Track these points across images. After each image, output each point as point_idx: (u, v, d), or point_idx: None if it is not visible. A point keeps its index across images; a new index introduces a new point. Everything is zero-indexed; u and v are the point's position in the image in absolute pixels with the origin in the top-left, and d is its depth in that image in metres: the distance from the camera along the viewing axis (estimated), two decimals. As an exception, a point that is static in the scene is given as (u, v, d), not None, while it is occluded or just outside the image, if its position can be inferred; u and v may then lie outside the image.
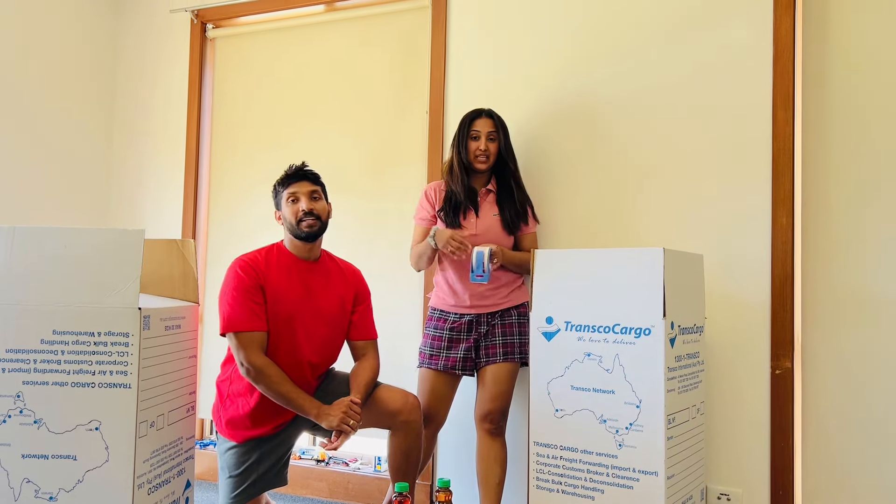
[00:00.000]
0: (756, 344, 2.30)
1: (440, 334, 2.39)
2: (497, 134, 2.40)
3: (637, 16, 2.51)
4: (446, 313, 2.41)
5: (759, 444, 2.28)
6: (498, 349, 2.34)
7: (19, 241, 1.74)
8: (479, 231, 2.36)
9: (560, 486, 1.99)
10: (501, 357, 2.33)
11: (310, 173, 2.22)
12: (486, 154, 2.37)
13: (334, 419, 2.04)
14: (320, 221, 2.18)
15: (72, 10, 3.31)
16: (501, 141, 2.40)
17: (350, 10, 3.05)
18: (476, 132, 2.39)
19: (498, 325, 2.36)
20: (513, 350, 2.34)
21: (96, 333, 1.73)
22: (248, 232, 3.20)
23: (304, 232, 2.15)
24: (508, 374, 2.33)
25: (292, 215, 2.16)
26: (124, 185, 3.49)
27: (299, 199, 2.16)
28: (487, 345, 2.35)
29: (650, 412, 1.85)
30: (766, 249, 2.30)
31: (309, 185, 2.20)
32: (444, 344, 2.38)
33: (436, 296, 2.46)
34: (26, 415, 1.71)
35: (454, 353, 2.36)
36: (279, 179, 2.23)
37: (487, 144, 2.37)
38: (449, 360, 2.36)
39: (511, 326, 2.36)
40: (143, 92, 3.48)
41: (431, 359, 2.39)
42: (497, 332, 2.35)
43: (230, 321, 2.08)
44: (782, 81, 2.29)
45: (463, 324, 2.37)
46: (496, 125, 2.40)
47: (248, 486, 2.15)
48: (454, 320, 2.38)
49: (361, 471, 2.90)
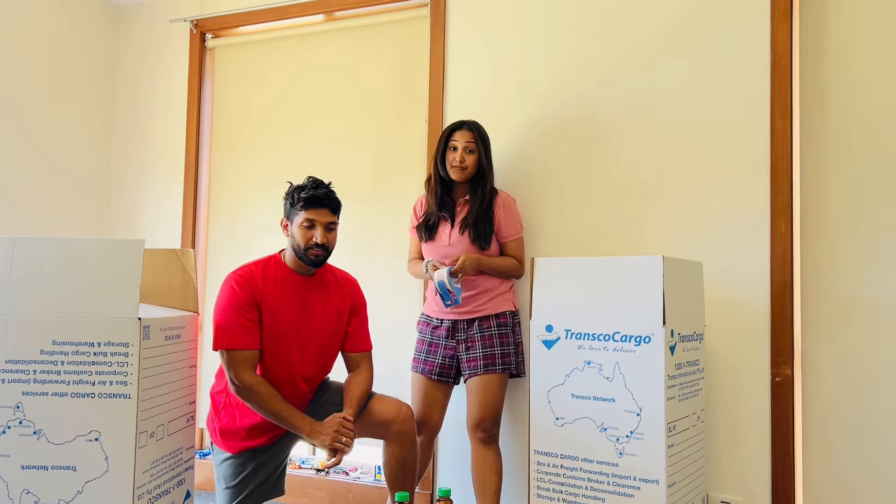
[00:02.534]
0: (756, 351, 2.30)
1: (423, 338, 2.46)
2: (476, 146, 2.37)
3: (634, 26, 2.53)
4: (430, 318, 2.47)
5: (759, 452, 2.28)
6: (479, 361, 2.33)
7: (19, 251, 1.74)
8: (452, 242, 2.38)
9: (561, 494, 1.99)
10: (482, 369, 2.32)
11: (333, 202, 2.14)
12: (462, 165, 2.36)
13: (326, 438, 2.03)
14: (327, 252, 2.15)
15: (72, 19, 3.32)
16: (481, 153, 2.38)
17: (349, 20, 3.06)
18: (454, 143, 2.38)
19: (477, 336, 2.35)
20: (494, 362, 2.32)
21: (96, 343, 1.72)
22: (248, 241, 3.20)
23: (311, 260, 2.13)
24: (493, 384, 2.33)
25: (303, 240, 2.11)
26: (124, 194, 3.49)
27: (315, 228, 2.11)
28: (468, 357, 2.36)
29: (651, 420, 1.85)
30: (765, 257, 2.30)
31: (329, 214, 2.13)
32: (426, 348, 2.44)
33: (426, 302, 2.53)
34: (26, 426, 1.70)
35: (432, 357, 2.41)
36: (301, 194, 2.12)
37: (464, 156, 2.36)
38: (427, 363, 2.41)
39: (491, 338, 2.34)
40: (142, 101, 3.48)
41: (415, 362, 2.46)
42: (476, 343, 2.35)
43: (222, 338, 2.07)
44: (780, 90, 2.30)
45: (442, 330, 2.41)
46: (475, 137, 2.38)
47: (245, 496, 2.14)
48: (435, 326, 2.44)
49: (361, 480, 2.89)
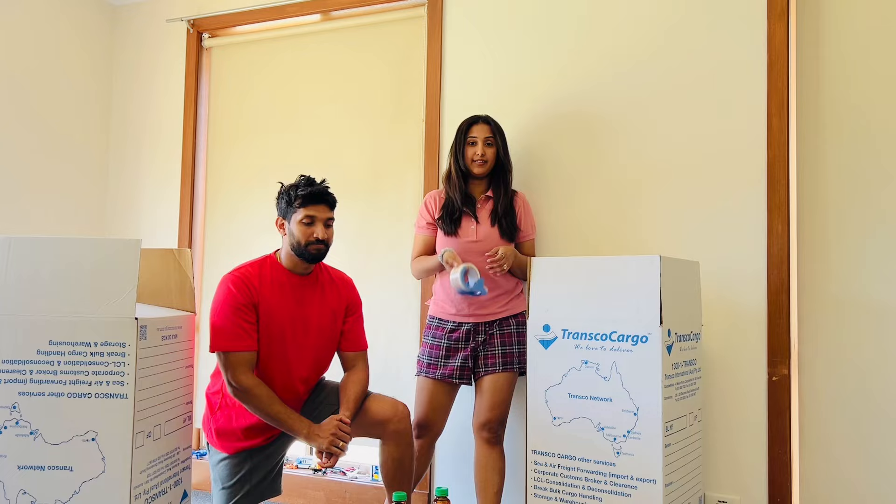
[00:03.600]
0: (753, 351, 2.30)
1: (438, 343, 2.39)
2: (494, 139, 2.40)
3: (631, 25, 2.53)
4: (444, 322, 2.40)
5: (756, 451, 2.29)
6: (497, 359, 2.33)
7: (16, 251, 1.74)
8: (480, 238, 2.36)
9: (558, 494, 1.99)
10: (501, 367, 2.32)
11: (331, 198, 2.16)
12: (483, 159, 2.38)
13: (324, 441, 2.03)
14: (327, 247, 2.16)
15: (69, 19, 3.31)
16: (499, 146, 2.41)
17: (346, 20, 3.06)
18: (473, 138, 2.40)
19: (496, 334, 2.35)
20: (511, 360, 2.33)
21: (93, 343, 1.72)
22: (245, 240, 3.20)
23: (311, 255, 2.13)
24: (507, 384, 2.33)
25: (303, 237, 2.11)
26: (120, 194, 3.49)
27: (315, 224, 2.11)
28: (486, 354, 2.34)
29: (648, 420, 1.85)
30: (761, 256, 2.30)
31: (327, 210, 2.14)
32: (442, 353, 2.37)
33: (434, 304, 2.46)
34: (22, 426, 1.70)
35: (452, 362, 2.35)
36: (296, 192, 2.12)
37: (485, 149, 2.38)
38: (447, 369, 2.35)
39: (510, 336, 2.36)
40: (139, 101, 3.48)
41: (430, 367, 2.38)
42: (496, 341, 2.35)
43: (219, 340, 2.06)
44: (777, 89, 2.31)
45: (461, 333, 2.36)
46: (493, 130, 2.41)
47: (241, 497, 2.14)
48: (452, 329, 2.38)
49: (359, 480, 2.89)
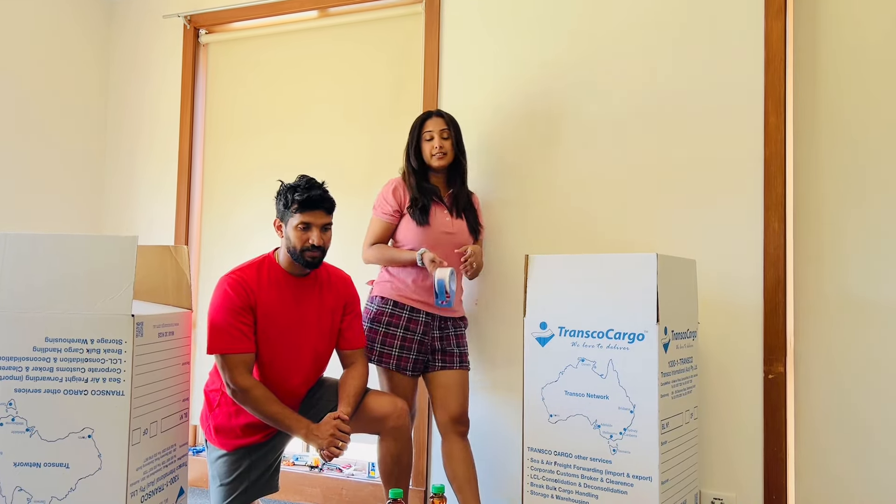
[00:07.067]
0: (749, 348, 2.31)
1: (394, 333, 2.35)
2: (450, 131, 2.43)
3: (628, 23, 2.53)
4: (401, 308, 2.36)
5: (752, 449, 2.29)
6: (456, 357, 2.41)
7: (12, 248, 1.73)
8: (455, 230, 2.41)
9: (554, 491, 2.00)
10: (458, 365, 2.41)
11: (328, 203, 2.12)
12: (442, 151, 2.40)
13: (323, 442, 2.03)
14: (323, 253, 2.14)
15: (65, 15, 3.30)
16: (454, 138, 2.43)
17: (343, 16, 3.05)
18: (429, 132, 2.42)
19: (452, 334, 2.43)
20: (465, 360, 2.44)
21: (89, 340, 1.72)
22: (242, 237, 3.19)
23: (306, 261, 2.11)
24: (466, 380, 2.43)
25: (299, 242, 2.08)
26: (117, 190, 3.48)
27: (311, 230, 2.08)
28: (447, 352, 2.40)
29: (644, 417, 1.86)
30: (758, 254, 2.31)
31: (324, 216, 2.11)
32: (398, 343, 2.36)
33: (391, 286, 2.39)
34: (18, 423, 1.70)
35: (406, 353, 2.35)
36: (293, 195, 2.08)
37: (442, 142, 2.40)
38: (402, 360, 2.35)
39: (462, 337, 2.46)
40: (135, 97, 3.47)
41: (384, 357, 2.35)
42: (453, 341, 2.42)
43: (217, 342, 2.06)
44: (773, 87, 2.31)
45: (419, 323, 2.37)
46: (447, 122, 2.43)
47: (239, 493, 2.15)
48: (409, 318, 2.36)
49: (355, 477, 2.89)
